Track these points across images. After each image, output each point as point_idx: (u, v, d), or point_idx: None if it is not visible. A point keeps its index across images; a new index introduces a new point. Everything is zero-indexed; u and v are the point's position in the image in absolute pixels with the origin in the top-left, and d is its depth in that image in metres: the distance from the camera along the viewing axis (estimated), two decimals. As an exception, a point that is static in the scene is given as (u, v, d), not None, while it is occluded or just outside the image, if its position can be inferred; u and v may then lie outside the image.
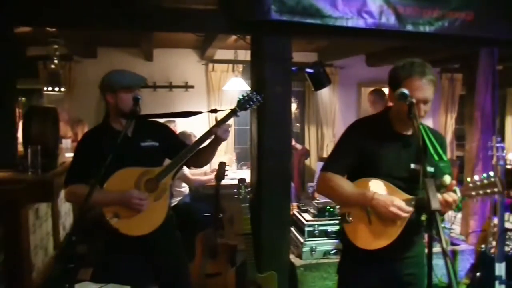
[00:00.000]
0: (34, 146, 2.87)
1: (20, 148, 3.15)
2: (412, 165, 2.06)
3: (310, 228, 3.51)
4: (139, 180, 2.36)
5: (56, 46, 4.69)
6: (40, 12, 2.90)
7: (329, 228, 3.53)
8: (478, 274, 3.36)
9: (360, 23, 3.13)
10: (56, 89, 5.07)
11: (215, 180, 3.67)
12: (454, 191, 1.91)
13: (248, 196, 3.23)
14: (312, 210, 3.65)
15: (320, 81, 3.68)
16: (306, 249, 3.48)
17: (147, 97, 2.49)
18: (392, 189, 2.04)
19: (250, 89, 4.02)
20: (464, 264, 3.90)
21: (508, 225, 3.83)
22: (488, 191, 1.87)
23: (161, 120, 2.72)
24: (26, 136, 2.98)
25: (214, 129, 2.44)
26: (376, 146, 2.10)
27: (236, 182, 3.34)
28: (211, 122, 5.93)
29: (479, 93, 3.95)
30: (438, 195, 1.87)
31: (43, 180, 2.86)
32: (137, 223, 2.34)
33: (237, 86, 5.46)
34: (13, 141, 3.12)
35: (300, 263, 3.46)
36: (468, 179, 1.92)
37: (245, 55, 5.11)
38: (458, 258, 3.92)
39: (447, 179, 1.93)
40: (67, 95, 5.62)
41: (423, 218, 1.98)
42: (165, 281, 2.61)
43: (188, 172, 4.70)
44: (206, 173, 5.06)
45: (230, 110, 2.51)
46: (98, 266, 2.54)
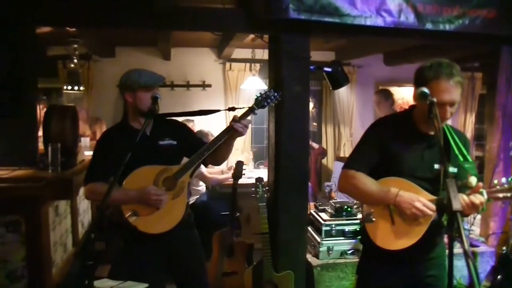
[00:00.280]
0: (54, 144, 2.91)
1: (40, 146, 3.20)
2: (436, 166, 2.03)
3: (327, 228, 3.48)
4: (157, 178, 2.38)
5: (75, 46, 4.75)
6: (61, 12, 2.93)
7: (346, 228, 3.50)
8: (499, 277, 3.31)
9: (378, 22, 3.10)
10: (76, 88, 5.15)
11: (232, 179, 3.68)
12: (481, 193, 1.86)
13: (265, 195, 3.23)
14: (329, 210, 3.63)
15: (338, 80, 3.65)
16: (323, 248, 3.46)
17: (164, 96, 2.51)
18: (417, 189, 2.01)
19: (267, 87, 4.02)
20: (484, 266, 3.82)
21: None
22: None
23: (180, 119, 2.74)
24: (46, 135, 3.02)
25: (233, 123, 2.44)
26: (399, 146, 2.07)
27: (253, 181, 3.34)
28: (228, 121, 5.94)
29: (500, 92, 3.87)
30: (464, 196, 1.85)
31: (63, 177, 2.90)
32: (156, 221, 2.36)
33: (254, 85, 5.45)
34: (35, 140, 3.17)
35: (317, 262, 3.44)
36: (495, 181, 1.88)
37: (262, 54, 5.09)
38: (477, 260, 3.85)
39: (473, 180, 1.88)
40: (86, 94, 5.69)
41: (444, 219, 1.95)
42: (182, 279, 2.62)
43: (205, 170, 4.71)
44: (223, 172, 5.06)
45: (248, 108, 2.51)
46: (116, 263, 2.56)
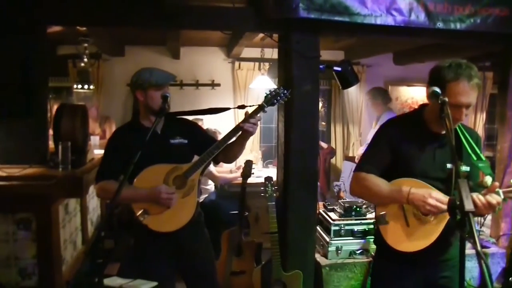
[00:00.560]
0: (64, 143, 2.92)
1: (51, 145, 3.22)
2: (448, 165, 2.01)
3: (336, 228, 3.47)
4: (168, 177, 2.39)
5: (86, 45, 4.77)
6: (71, 11, 2.95)
7: (355, 228, 3.48)
8: (510, 279, 3.27)
9: (389, 21, 3.07)
10: (86, 86, 5.16)
11: (241, 178, 3.68)
12: (497, 193, 1.82)
13: (274, 195, 3.23)
14: (338, 209, 3.62)
15: (348, 79, 3.62)
16: (332, 248, 3.44)
17: (174, 95, 2.51)
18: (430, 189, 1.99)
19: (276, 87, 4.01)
20: (494, 268, 3.77)
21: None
22: None
23: (189, 118, 2.74)
24: (56, 133, 3.03)
25: (242, 124, 2.45)
26: (411, 146, 2.05)
27: (261, 180, 3.33)
28: (237, 119, 5.94)
29: (511, 91, 3.85)
30: (480, 196, 1.82)
31: (73, 176, 2.91)
32: (166, 219, 2.37)
33: (263, 84, 5.44)
34: (45, 138, 3.19)
35: (326, 262, 3.42)
36: (511, 181, 1.86)
37: (271, 53, 5.08)
38: (488, 262, 3.82)
39: (489, 180, 1.86)
40: (96, 92, 5.72)
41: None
42: (192, 278, 2.63)
43: (214, 169, 4.72)
44: (232, 171, 5.06)
45: (257, 106, 2.51)
46: (125, 261, 2.57)
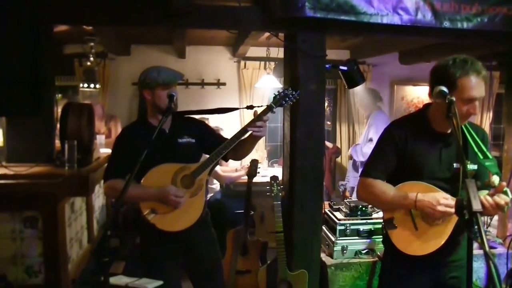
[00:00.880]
0: (70, 142, 2.93)
1: (57, 144, 3.23)
2: (455, 165, 1.99)
3: (342, 227, 3.46)
4: (176, 176, 2.39)
5: (92, 44, 4.79)
6: (78, 11, 2.95)
7: (361, 228, 3.47)
8: (517, 279, 3.26)
9: (395, 20, 3.06)
10: (92, 86, 5.18)
11: (247, 177, 3.68)
12: (505, 193, 1.80)
13: (280, 194, 3.22)
14: (344, 209, 3.61)
15: (354, 79, 3.61)
16: (337, 248, 3.44)
17: (179, 94, 2.52)
18: (437, 192, 1.97)
19: (282, 86, 4.01)
20: (501, 268, 3.74)
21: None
22: None
23: (196, 117, 2.74)
24: (62, 132, 3.04)
25: (249, 129, 2.45)
26: (417, 147, 2.03)
27: (267, 179, 3.33)
28: (243, 118, 5.94)
29: (519, 91, 3.83)
30: (488, 197, 1.80)
31: (79, 175, 2.92)
32: (174, 219, 2.36)
33: (269, 84, 5.44)
34: (52, 137, 3.20)
35: (331, 262, 3.41)
36: None
37: (277, 52, 5.08)
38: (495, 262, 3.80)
39: (496, 179, 1.83)
40: (101, 91, 5.74)
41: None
42: (198, 278, 2.63)
43: (219, 169, 4.71)
44: (237, 170, 5.06)
45: (266, 106, 2.50)
46: (131, 260, 2.58)
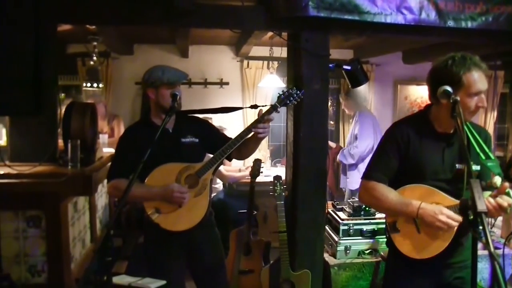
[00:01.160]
0: (73, 141, 2.93)
1: (60, 143, 3.23)
2: (457, 165, 1.98)
3: (345, 227, 3.46)
4: (180, 176, 2.39)
5: (95, 43, 4.79)
6: (82, 10, 2.95)
7: (364, 228, 3.47)
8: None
9: (399, 19, 3.04)
10: (95, 85, 5.19)
11: (250, 177, 3.67)
12: (508, 194, 1.79)
13: (283, 194, 3.22)
14: (347, 209, 3.61)
15: (358, 78, 3.59)
16: (340, 248, 3.44)
17: (182, 94, 2.52)
18: (440, 196, 1.97)
19: (285, 86, 4.00)
20: (505, 269, 3.75)
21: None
22: None
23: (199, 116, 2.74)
24: (65, 131, 3.04)
25: (252, 129, 2.45)
26: (419, 148, 2.02)
27: (270, 179, 3.33)
28: (246, 117, 5.94)
29: (523, 91, 3.82)
30: (490, 199, 1.79)
31: (82, 174, 2.92)
32: (178, 218, 2.36)
33: (272, 83, 5.43)
34: (55, 136, 3.20)
35: (334, 262, 3.42)
36: None
37: (280, 51, 5.07)
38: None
39: (498, 180, 1.81)
40: (104, 91, 5.74)
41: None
42: (202, 277, 2.63)
43: (222, 168, 4.70)
44: (240, 170, 5.06)
45: (270, 106, 2.50)
46: (135, 259, 2.58)
